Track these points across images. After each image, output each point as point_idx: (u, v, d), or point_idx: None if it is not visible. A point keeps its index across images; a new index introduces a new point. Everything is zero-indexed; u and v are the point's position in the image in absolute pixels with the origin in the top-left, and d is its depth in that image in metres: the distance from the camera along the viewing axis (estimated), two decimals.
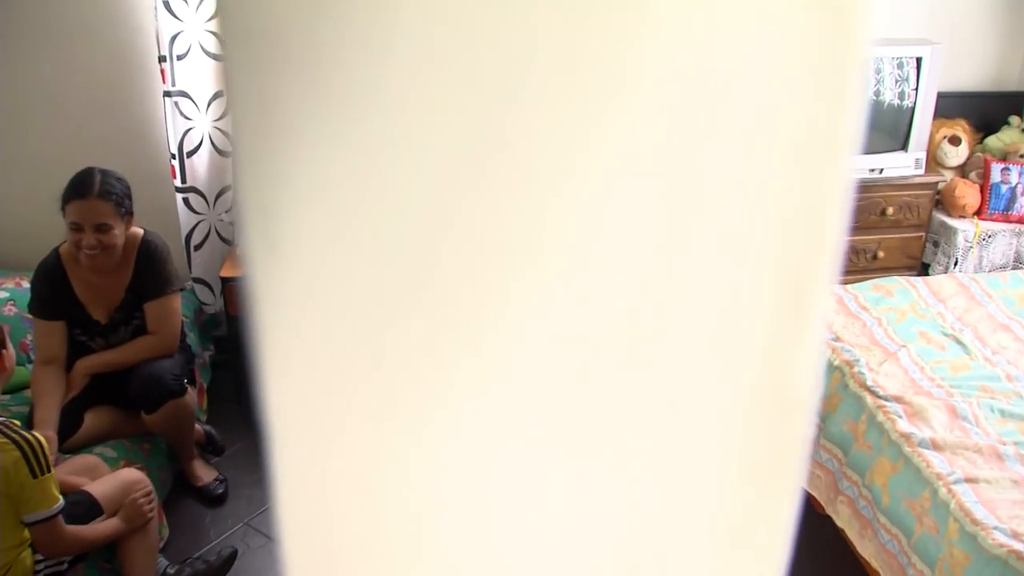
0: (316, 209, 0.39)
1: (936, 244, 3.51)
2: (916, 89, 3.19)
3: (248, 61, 0.37)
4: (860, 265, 3.38)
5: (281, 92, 0.37)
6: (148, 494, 2.14)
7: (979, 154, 3.57)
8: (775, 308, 0.43)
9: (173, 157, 3.00)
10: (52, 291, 2.43)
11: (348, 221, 0.40)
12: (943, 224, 3.46)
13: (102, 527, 2.03)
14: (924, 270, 3.50)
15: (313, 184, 0.39)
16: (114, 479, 2.16)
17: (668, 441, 0.45)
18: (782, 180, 0.41)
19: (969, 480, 2.01)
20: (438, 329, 0.42)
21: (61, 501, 1.87)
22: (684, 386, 0.44)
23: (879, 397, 2.32)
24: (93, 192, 2.31)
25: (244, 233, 0.39)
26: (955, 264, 3.39)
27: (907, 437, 2.17)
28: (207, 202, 3.14)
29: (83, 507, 2.03)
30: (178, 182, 3.04)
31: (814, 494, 2.46)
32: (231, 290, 3.06)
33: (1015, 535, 1.85)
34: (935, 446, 2.13)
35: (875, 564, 2.18)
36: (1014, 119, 3.66)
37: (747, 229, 0.42)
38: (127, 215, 2.40)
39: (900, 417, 2.24)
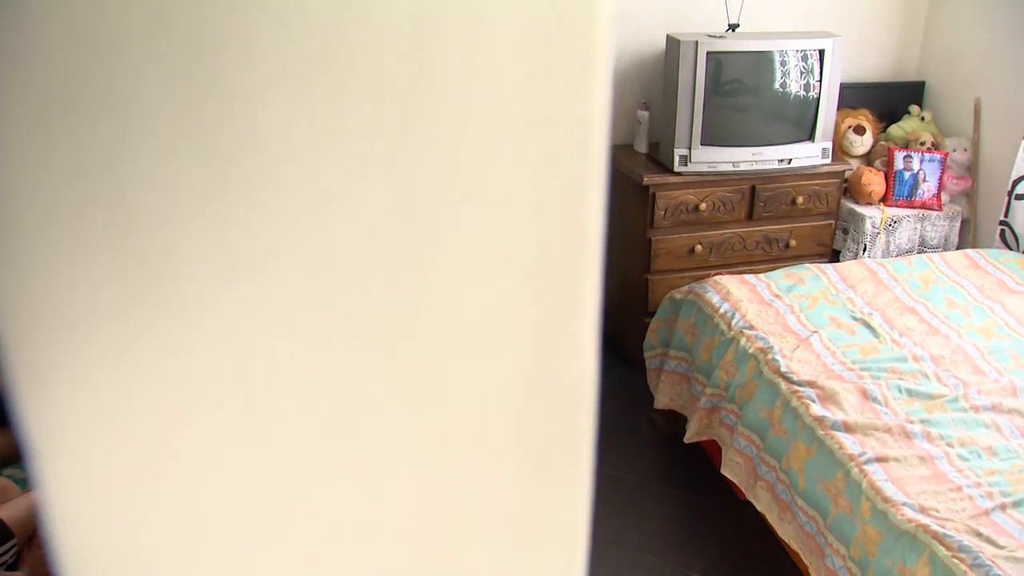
0: (48, 220, 0.39)
1: (845, 231, 3.61)
2: (820, 81, 3.27)
3: None
4: (773, 254, 3.46)
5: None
6: None
7: (883, 143, 3.69)
8: (537, 301, 0.44)
9: None
10: None
11: (73, 219, 0.39)
12: (851, 211, 3.56)
13: None
14: (835, 257, 3.60)
15: (46, 186, 0.39)
16: (26, 501, 2.07)
17: (443, 438, 0.46)
18: (530, 173, 0.42)
19: (879, 459, 2.07)
20: (179, 330, 0.42)
21: None
22: (451, 382, 0.45)
23: (793, 383, 2.38)
24: None
25: None
26: (864, 250, 3.50)
27: (820, 421, 2.23)
28: None
29: None
30: None
31: (735, 480, 2.51)
32: None
33: (922, 510, 1.91)
34: (847, 428, 2.19)
35: (795, 546, 2.23)
36: (914, 108, 3.80)
37: (497, 222, 0.42)
38: None
39: (813, 401, 2.30)
